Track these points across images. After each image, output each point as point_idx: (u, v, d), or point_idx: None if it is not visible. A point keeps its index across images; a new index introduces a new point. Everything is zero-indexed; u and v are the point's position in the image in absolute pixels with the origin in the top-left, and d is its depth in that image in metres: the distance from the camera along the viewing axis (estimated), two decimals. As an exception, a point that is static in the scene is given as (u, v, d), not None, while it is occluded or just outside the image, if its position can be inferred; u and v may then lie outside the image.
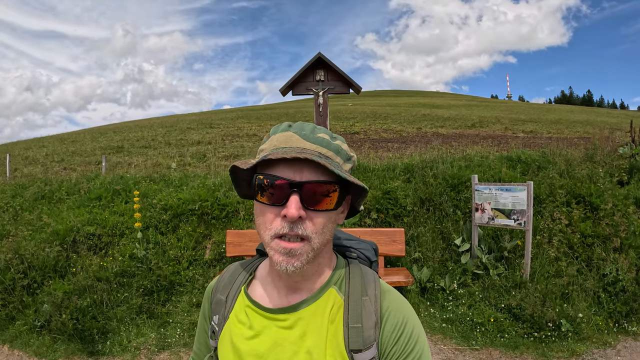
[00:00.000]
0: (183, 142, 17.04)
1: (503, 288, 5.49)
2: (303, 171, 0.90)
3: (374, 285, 1.02)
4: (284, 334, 0.99)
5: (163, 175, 9.23)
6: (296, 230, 0.90)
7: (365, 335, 0.95)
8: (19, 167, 13.28)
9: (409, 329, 0.98)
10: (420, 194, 7.10)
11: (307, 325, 0.98)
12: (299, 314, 1.00)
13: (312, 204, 0.90)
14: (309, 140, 0.93)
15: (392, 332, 0.97)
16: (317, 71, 7.61)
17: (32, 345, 4.85)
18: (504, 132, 17.44)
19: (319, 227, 0.92)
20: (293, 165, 0.90)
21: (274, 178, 0.91)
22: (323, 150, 0.93)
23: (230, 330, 1.05)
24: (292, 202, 0.88)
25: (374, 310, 0.98)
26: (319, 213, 0.92)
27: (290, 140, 0.93)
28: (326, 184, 0.91)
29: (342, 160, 0.97)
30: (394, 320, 0.98)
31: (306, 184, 0.89)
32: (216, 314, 1.10)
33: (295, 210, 0.87)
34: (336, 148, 0.96)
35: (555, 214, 6.39)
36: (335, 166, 0.90)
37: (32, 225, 6.88)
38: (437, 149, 10.46)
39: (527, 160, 8.15)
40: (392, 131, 18.26)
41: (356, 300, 0.99)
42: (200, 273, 6.10)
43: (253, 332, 1.02)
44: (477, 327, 4.99)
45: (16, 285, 5.53)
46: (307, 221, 0.91)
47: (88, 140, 20.06)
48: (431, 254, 6.19)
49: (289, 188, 0.89)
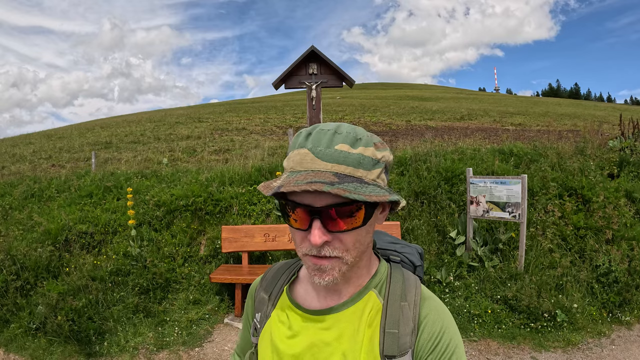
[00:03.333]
0: (172, 136, 16.90)
1: (498, 280, 5.54)
2: (323, 194, 0.84)
3: (414, 291, 0.99)
4: (321, 336, 0.98)
5: (155, 171, 9.15)
6: (324, 252, 0.87)
7: (401, 342, 0.92)
8: (6, 164, 13.06)
9: (447, 339, 0.94)
10: (414, 187, 7.11)
11: (344, 328, 0.97)
12: (337, 316, 0.99)
13: (336, 227, 0.86)
14: (324, 159, 0.85)
15: (428, 340, 0.94)
16: (310, 64, 7.57)
17: (27, 349, 4.77)
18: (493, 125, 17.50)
19: (350, 245, 0.89)
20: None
21: (294, 205, 0.87)
22: (340, 169, 0.85)
23: (270, 328, 1.06)
24: (314, 230, 0.85)
25: (412, 317, 0.95)
26: (346, 233, 0.88)
27: (304, 161, 0.87)
28: (348, 205, 0.84)
29: (366, 170, 0.87)
30: (432, 329, 0.95)
31: (325, 209, 0.84)
32: (258, 311, 1.11)
33: (319, 238, 0.84)
34: (357, 160, 0.86)
35: (549, 207, 6.45)
36: (353, 187, 0.82)
37: (23, 225, 6.77)
38: (430, 142, 10.48)
39: (519, 153, 8.21)
40: (382, 124, 18.27)
41: (395, 305, 0.96)
42: (195, 270, 6.06)
43: (292, 332, 1.02)
44: (474, 319, 5.03)
45: (9, 287, 5.43)
46: (335, 242, 0.88)
47: (75, 136, 19.80)
48: (427, 246, 6.21)
49: (310, 215, 0.86)
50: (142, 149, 14.01)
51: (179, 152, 13.12)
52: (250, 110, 27.62)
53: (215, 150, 13.31)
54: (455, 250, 6.11)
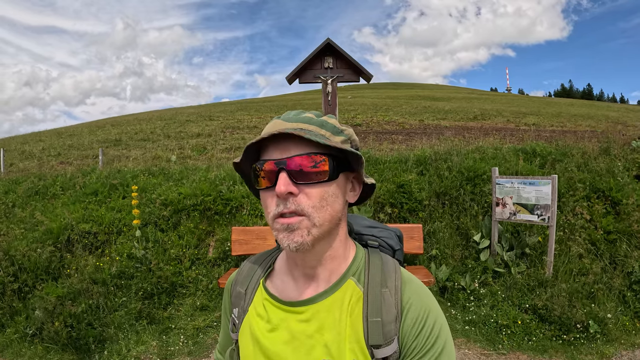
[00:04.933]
0: (182, 134, 16.67)
1: (526, 287, 5.18)
2: (290, 149, 0.90)
3: (394, 276, 0.98)
4: (301, 328, 0.97)
5: (162, 169, 8.85)
6: (289, 205, 0.89)
7: (386, 330, 0.92)
8: (15, 161, 12.91)
9: (430, 322, 0.94)
10: (435, 187, 6.75)
11: (325, 318, 0.96)
12: (316, 306, 0.98)
13: (302, 178, 0.89)
14: (292, 121, 0.94)
15: (412, 326, 0.93)
16: (325, 58, 7.21)
17: (23, 356, 4.49)
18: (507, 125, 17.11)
19: (315, 201, 0.90)
20: (279, 147, 0.91)
21: (262, 162, 0.92)
22: (304, 126, 0.92)
23: (249, 323, 1.04)
24: (280, 180, 0.88)
25: (395, 303, 0.94)
26: (312, 186, 0.90)
27: (274, 126, 0.93)
28: (312, 155, 0.89)
29: (329, 132, 0.95)
30: (415, 313, 0.94)
31: (290, 158, 0.89)
32: (236, 307, 1.10)
33: (283, 187, 0.87)
34: (320, 122, 0.95)
35: (577, 209, 6.08)
36: (316, 136, 0.89)
37: (25, 223, 6.49)
38: (450, 141, 10.13)
39: (542, 152, 7.82)
40: (395, 123, 17.92)
41: (375, 292, 0.96)
42: (203, 273, 5.74)
43: (271, 326, 1.01)
44: (502, 330, 4.66)
45: (6, 290, 5.15)
46: (301, 195, 0.90)
47: (86, 133, 19.67)
48: (449, 251, 5.87)
49: (276, 167, 0.89)
50: (151, 147, 13.79)
51: (188, 149, 12.87)
52: (262, 109, 27.36)
53: (226, 148, 13.03)
54: (479, 255, 5.75)
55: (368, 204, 6.39)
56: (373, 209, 6.27)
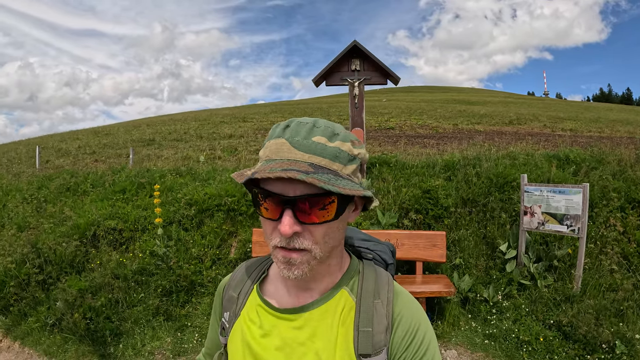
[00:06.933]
0: (215, 135, 16.88)
1: (552, 301, 4.93)
2: (296, 185, 0.83)
3: (387, 288, 0.99)
4: (293, 335, 0.97)
5: (190, 169, 8.97)
6: (293, 244, 0.86)
7: (375, 340, 0.93)
8: (51, 159, 13.33)
9: (420, 335, 0.95)
10: (462, 193, 6.56)
11: (317, 326, 0.97)
12: (309, 314, 0.98)
13: (307, 219, 0.85)
14: (301, 149, 0.85)
15: (402, 337, 0.94)
16: (352, 60, 7.12)
17: (42, 344, 4.63)
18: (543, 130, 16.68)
19: (319, 239, 0.88)
20: (286, 180, 0.83)
21: (266, 194, 0.86)
22: (316, 160, 0.85)
23: (241, 328, 1.04)
24: (284, 219, 0.83)
25: (386, 314, 0.95)
26: (316, 226, 0.87)
27: (280, 150, 0.86)
28: (321, 196, 0.84)
29: (341, 164, 0.88)
30: (406, 325, 0.95)
31: (298, 198, 0.83)
32: (227, 310, 1.09)
33: (289, 228, 0.83)
34: (333, 153, 0.87)
35: (610, 220, 5.81)
36: (328, 179, 0.82)
37: (54, 218, 6.69)
38: (480, 146, 9.90)
39: (576, 159, 7.49)
40: (428, 127, 17.69)
41: (368, 303, 0.96)
42: (223, 273, 5.75)
43: (263, 332, 1.00)
44: (523, 346, 4.43)
45: (31, 281, 5.33)
46: (305, 233, 0.87)
47: (121, 133, 20.17)
48: (474, 260, 5.68)
49: (282, 204, 0.85)
50: (183, 147, 14.00)
51: (219, 150, 12.99)
52: (296, 111, 27.46)
53: (257, 149, 13.11)
54: (505, 266, 5.53)
55: (393, 210, 6.28)
56: (397, 215, 6.15)
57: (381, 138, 13.78)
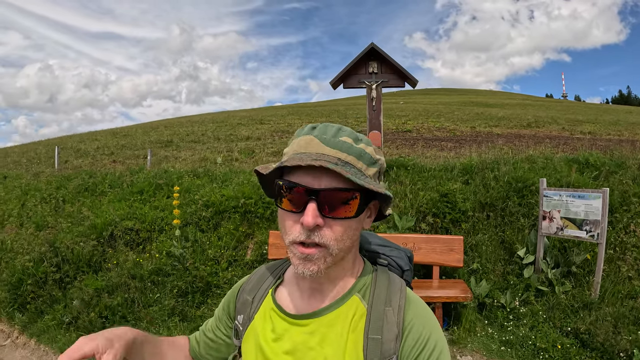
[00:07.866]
0: (232, 137, 16.96)
1: (570, 308, 4.83)
2: (322, 178, 0.88)
3: (399, 295, 0.99)
4: (304, 339, 0.98)
5: (207, 170, 9.01)
6: (313, 237, 0.88)
7: (384, 348, 0.92)
8: (70, 159, 13.51)
9: (431, 345, 0.93)
10: (480, 197, 6.46)
11: (327, 332, 0.97)
12: (320, 320, 0.99)
13: (330, 212, 0.89)
14: (329, 145, 0.90)
15: (413, 346, 0.93)
16: (370, 63, 7.09)
17: (58, 342, 4.68)
18: (561, 133, 16.45)
19: (338, 235, 0.90)
20: (312, 172, 0.88)
21: (292, 185, 0.90)
22: (342, 156, 0.90)
23: (254, 331, 1.06)
24: (309, 210, 0.86)
25: (397, 322, 0.95)
26: (337, 221, 0.90)
27: (310, 145, 0.91)
28: (345, 191, 0.88)
29: (365, 165, 0.93)
30: (416, 334, 0.94)
31: (324, 191, 0.87)
32: (241, 313, 1.11)
33: (312, 219, 0.86)
34: (358, 152, 0.92)
35: (631, 226, 5.70)
36: (353, 173, 0.88)
37: (72, 218, 6.78)
38: (499, 149, 9.78)
39: (595, 163, 7.33)
40: (446, 130, 17.56)
41: (379, 310, 0.96)
42: (239, 275, 5.74)
43: (275, 335, 1.02)
44: (540, 353, 4.33)
45: (48, 279, 5.39)
46: (325, 228, 0.89)
47: (140, 134, 20.36)
48: (491, 265, 5.59)
49: (307, 195, 0.88)
50: (200, 148, 14.08)
51: (236, 152, 13.05)
52: (313, 113, 27.47)
53: (274, 151, 13.14)
54: (522, 271, 5.43)
55: (410, 213, 6.23)
56: (415, 219, 6.10)
57: (398, 141, 13.71)
